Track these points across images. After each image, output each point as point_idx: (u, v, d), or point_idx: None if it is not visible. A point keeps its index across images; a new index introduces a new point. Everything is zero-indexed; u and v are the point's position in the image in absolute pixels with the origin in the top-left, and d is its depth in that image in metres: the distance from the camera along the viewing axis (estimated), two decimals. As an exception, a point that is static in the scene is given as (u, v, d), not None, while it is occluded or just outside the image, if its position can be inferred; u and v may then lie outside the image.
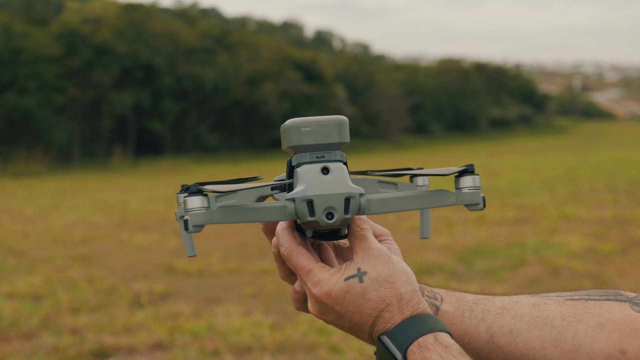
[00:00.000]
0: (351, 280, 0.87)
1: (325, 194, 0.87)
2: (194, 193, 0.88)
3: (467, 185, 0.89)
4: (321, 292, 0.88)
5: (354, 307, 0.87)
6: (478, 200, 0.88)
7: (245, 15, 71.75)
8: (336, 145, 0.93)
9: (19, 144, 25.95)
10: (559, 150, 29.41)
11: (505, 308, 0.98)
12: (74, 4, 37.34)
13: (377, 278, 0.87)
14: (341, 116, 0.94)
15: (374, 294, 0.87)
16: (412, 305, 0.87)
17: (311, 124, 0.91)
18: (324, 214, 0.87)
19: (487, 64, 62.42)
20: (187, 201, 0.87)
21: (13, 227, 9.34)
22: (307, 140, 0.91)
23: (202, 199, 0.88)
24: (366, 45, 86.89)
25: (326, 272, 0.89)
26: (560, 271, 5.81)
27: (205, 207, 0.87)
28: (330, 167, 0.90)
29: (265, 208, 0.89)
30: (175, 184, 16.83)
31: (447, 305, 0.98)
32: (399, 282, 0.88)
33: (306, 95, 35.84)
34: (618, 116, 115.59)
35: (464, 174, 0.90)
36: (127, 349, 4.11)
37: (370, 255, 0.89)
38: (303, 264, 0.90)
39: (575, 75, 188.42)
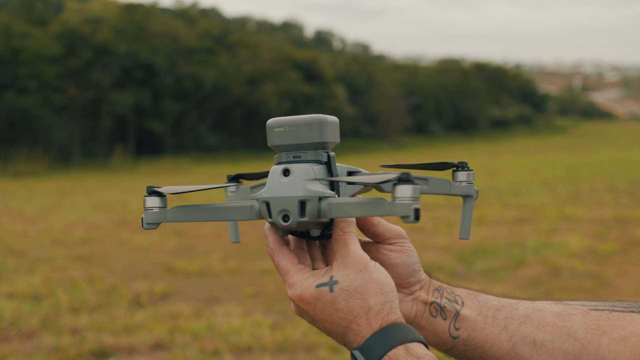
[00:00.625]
0: (322, 288, 0.87)
1: (279, 197, 0.88)
2: (149, 194, 0.92)
3: (402, 196, 0.81)
4: (294, 295, 0.89)
5: (325, 315, 0.87)
6: (408, 212, 0.80)
7: (245, 15, 71.75)
8: (315, 145, 0.91)
9: (19, 144, 25.96)
10: (559, 150, 29.41)
11: (528, 316, 0.95)
12: (74, 4, 37.33)
13: (347, 288, 0.86)
14: (321, 115, 0.91)
15: (343, 304, 0.86)
16: (382, 317, 0.85)
17: (284, 124, 0.91)
18: (279, 216, 0.88)
19: (487, 64, 62.43)
20: (144, 201, 0.92)
21: (13, 227, 9.34)
22: (280, 140, 0.92)
23: (158, 199, 0.92)
24: (366, 45, 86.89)
25: (301, 275, 0.89)
26: (560, 271, 5.81)
27: (158, 207, 0.91)
28: (291, 169, 0.89)
29: (232, 207, 0.91)
30: (176, 184, 16.83)
31: (468, 310, 0.96)
32: (369, 293, 0.86)
33: (306, 95, 35.85)
34: (618, 116, 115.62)
35: (402, 182, 0.81)
36: (127, 349, 4.11)
37: (346, 263, 0.88)
38: (282, 265, 0.91)
39: (575, 75, 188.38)
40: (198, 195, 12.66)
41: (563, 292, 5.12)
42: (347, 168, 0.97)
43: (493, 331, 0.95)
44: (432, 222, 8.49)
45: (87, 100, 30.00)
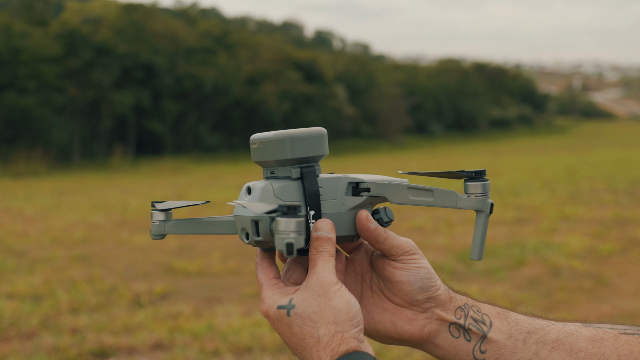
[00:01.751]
0: (281, 310, 0.86)
1: (239, 215, 0.90)
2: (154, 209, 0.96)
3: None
4: (262, 310, 0.89)
5: (285, 336, 0.87)
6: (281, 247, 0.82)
7: (245, 15, 71.76)
8: (284, 162, 0.90)
9: (19, 144, 25.95)
10: (559, 150, 29.40)
11: (560, 341, 0.92)
12: (74, 4, 37.33)
13: (302, 314, 0.84)
14: (289, 131, 0.90)
15: (297, 329, 0.84)
16: (331, 349, 0.82)
17: (257, 141, 0.92)
18: (243, 234, 0.89)
19: (487, 64, 62.41)
20: (151, 214, 0.96)
21: (13, 227, 9.34)
22: (255, 157, 0.93)
23: (162, 213, 0.96)
24: (366, 45, 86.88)
25: (271, 291, 0.88)
26: (560, 271, 5.81)
27: (160, 220, 0.95)
28: (253, 187, 0.90)
29: (217, 222, 0.93)
30: (176, 184, 16.84)
31: (496, 332, 0.92)
32: (320, 322, 0.83)
33: (306, 95, 35.84)
34: (618, 116, 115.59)
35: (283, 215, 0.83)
36: (127, 349, 4.11)
37: (308, 287, 0.86)
38: (258, 278, 0.91)
39: (575, 75, 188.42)
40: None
41: (563, 291, 5.12)
42: (347, 179, 0.93)
43: (523, 356, 0.91)
44: (432, 222, 8.49)
45: (87, 100, 30.00)
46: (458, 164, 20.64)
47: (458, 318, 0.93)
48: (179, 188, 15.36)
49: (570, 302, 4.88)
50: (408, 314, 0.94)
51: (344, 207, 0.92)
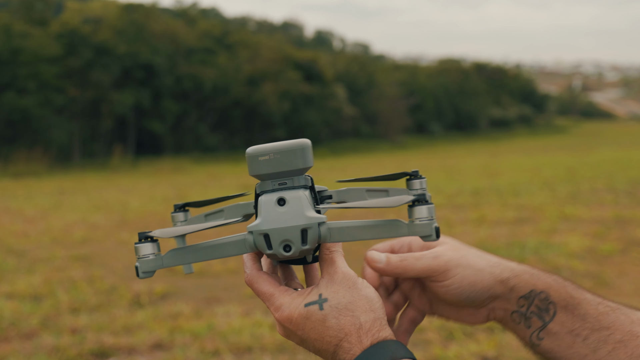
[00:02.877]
0: (311, 306, 0.85)
1: (280, 227, 0.85)
2: (141, 241, 0.91)
3: (421, 217, 0.84)
4: (282, 317, 0.87)
5: (315, 334, 0.85)
6: (430, 232, 0.83)
7: (245, 15, 71.77)
8: (298, 171, 0.89)
9: (19, 144, 25.96)
10: (559, 150, 29.41)
11: (623, 343, 0.91)
12: (74, 4, 37.33)
13: (337, 305, 0.85)
14: (303, 140, 0.90)
15: (333, 322, 0.84)
16: (372, 334, 0.84)
17: (269, 152, 0.89)
18: (281, 247, 0.86)
19: (487, 64, 62.42)
20: (137, 249, 0.90)
21: (13, 227, 9.34)
22: (266, 169, 0.89)
23: (152, 245, 0.90)
24: (366, 45, 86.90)
25: (288, 296, 0.88)
26: (560, 271, 5.81)
27: (153, 254, 0.89)
28: (286, 197, 0.87)
29: (224, 244, 0.89)
30: (176, 184, 16.85)
31: (558, 325, 0.92)
32: (359, 310, 0.84)
33: (306, 95, 35.84)
34: (618, 116, 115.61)
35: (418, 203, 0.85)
36: (127, 349, 4.11)
37: (334, 281, 0.86)
38: (264, 290, 0.89)
39: (575, 75, 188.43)
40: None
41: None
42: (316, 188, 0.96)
43: (579, 352, 0.91)
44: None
45: (87, 100, 30.00)
46: (458, 164, 20.65)
47: (520, 307, 0.93)
48: (179, 188, 15.36)
49: (570, 302, 4.88)
50: (469, 311, 0.96)
51: None
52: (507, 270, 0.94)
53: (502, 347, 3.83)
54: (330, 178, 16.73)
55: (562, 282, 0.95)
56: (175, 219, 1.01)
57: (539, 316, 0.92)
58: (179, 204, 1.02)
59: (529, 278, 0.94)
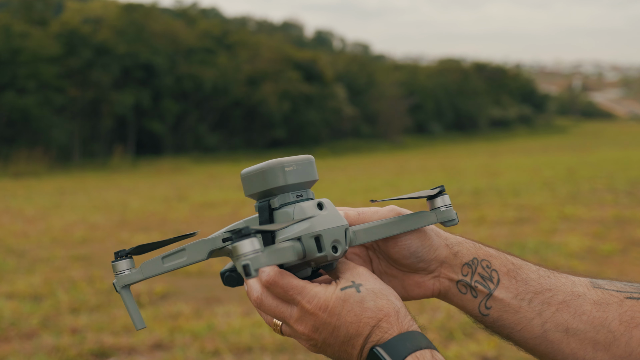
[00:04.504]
0: (348, 289, 0.86)
1: (331, 228, 0.88)
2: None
3: (445, 204, 0.97)
4: (318, 305, 0.86)
5: (352, 316, 0.85)
6: (454, 216, 0.97)
7: (245, 15, 71.76)
8: (310, 184, 0.93)
9: (19, 144, 25.96)
10: (559, 150, 29.41)
11: (566, 303, 0.94)
12: (74, 4, 37.34)
13: (373, 289, 0.87)
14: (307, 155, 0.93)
15: (371, 303, 0.86)
16: (408, 321, 0.86)
17: (292, 164, 0.90)
18: (331, 247, 0.88)
19: (487, 64, 62.42)
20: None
21: (13, 227, 9.34)
22: (292, 179, 0.90)
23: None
24: (366, 45, 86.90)
25: (319, 286, 0.88)
26: (560, 271, 5.81)
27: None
28: (323, 202, 0.90)
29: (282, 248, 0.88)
30: (175, 184, 16.84)
31: (502, 291, 0.95)
32: (393, 297, 0.87)
33: (306, 95, 35.84)
34: (618, 116, 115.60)
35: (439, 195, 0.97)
36: (127, 349, 4.11)
37: (359, 272, 0.89)
38: (294, 284, 0.87)
39: (575, 75, 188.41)
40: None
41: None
42: None
43: (526, 315, 0.94)
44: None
45: (87, 100, 30.01)
46: (458, 164, 20.64)
47: (465, 275, 0.96)
48: (179, 188, 15.36)
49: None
50: (416, 278, 0.97)
51: None
52: (452, 238, 0.98)
53: (502, 347, 3.83)
54: (330, 178, 16.72)
55: (502, 251, 0.99)
56: (116, 268, 0.98)
57: (484, 285, 0.94)
58: (125, 251, 1.00)
59: (471, 247, 0.97)
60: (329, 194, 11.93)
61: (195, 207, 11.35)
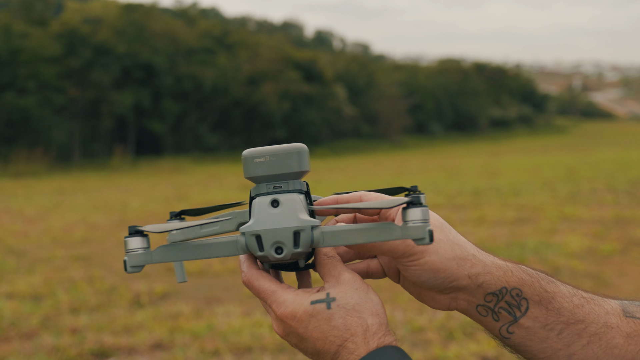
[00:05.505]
0: (318, 304, 0.84)
1: (272, 229, 0.84)
2: (132, 234, 0.88)
3: (415, 219, 0.81)
4: (285, 313, 0.85)
5: (318, 333, 0.84)
6: (423, 235, 0.80)
7: (245, 15, 71.80)
8: (294, 175, 0.89)
9: (19, 144, 25.97)
10: (559, 150, 29.41)
11: (598, 335, 0.89)
12: (74, 4, 37.35)
13: (345, 305, 0.84)
14: (299, 144, 0.89)
15: (340, 321, 0.83)
16: (378, 338, 0.83)
17: (265, 155, 0.88)
18: (272, 249, 0.84)
19: (487, 64, 62.46)
20: (126, 242, 0.87)
21: (13, 227, 9.34)
22: (261, 171, 0.88)
23: (141, 239, 0.88)
24: (366, 45, 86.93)
25: (291, 292, 0.86)
26: (560, 271, 5.81)
27: (143, 248, 0.87)
28: (280, 199, 0.86)
29: (216, 244, 0.87)
30: (176, 184, 16.84)
31: (530, 320, 0.89)
32: (366, 312, 0.84)
33: (306, 95, 35.86)
34: (618, 116, 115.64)
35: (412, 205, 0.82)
36: (127, 349, 4.11)
37: (341, 281, 0.85)
38: (265, 287, 0.87)
39: (575, 75, 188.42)
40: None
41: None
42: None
43: (553, 346, 0.89)
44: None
45: (87, 100, 30.02)
46: (458, 164, 20.64)
47: (488, 302, 0.89)
48: (179, 188, 15.36)
49: (570, 302, 4.88)
50: (431, 294, 0.91)
51: None
52: (479, 266, 0.88)
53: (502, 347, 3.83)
54: (330, 178, 16.73)
55: (536, 275, 0.91)
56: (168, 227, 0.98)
57: (509, 311, 0.89)
58: (175, 212, 1.00)
59: (501, 276, 0.89)
60: (329, 194, 11.92)
61: (195, 207, 11.34)
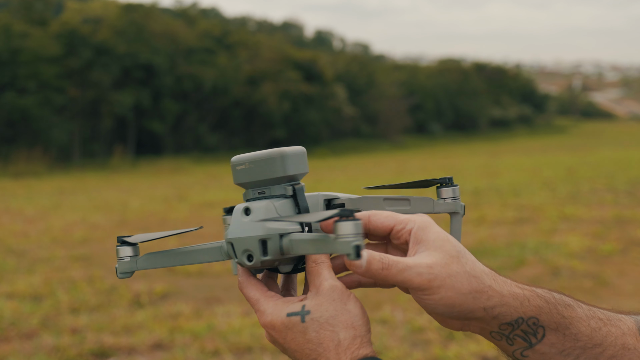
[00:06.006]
0: (293, 317, 0.84)
1: (241, 237, 0.86)
2: (121, 244, 0.92)
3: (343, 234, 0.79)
4: (265, 322, 0.87)
5: (295, 345, 0.85)
6: (349, 251, 0.78)
7: (245, 15, 71.80)
8: (278, 180, 0.89)
9: (19, 144, 25.97)
10: (559, 150, 29.41)
11: (616, 358, 0.88)
12: (74, 4, 37.35)
13: (319, 319, 0.83)
14: (281, 149, 0.89)
15: (313, 335, 0.83)
16: (351, 352, 0.82)
17: (245, 162, 0.91)
18: (244, 256, 0.86)
19: (487, 64, 62.45)
20: (117, 251, 0.92)
21: (13, 227, 9.34)
22: (244, 178, 0.91)
23: (130, 248, 0.92)
24: (366, 45, 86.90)
25: (272, 302, 0.87)
26: (560, 271, 5.81)
27: (129, 256, 0.91)
28: (251, 207, 0.87)
29: (201, 250, 0.90)
30: (175, 184, 16.85)
31: (546, 346, 0.87)
32: (340, 326, 0.83)
33: (306, 95, 35.86)
34: (618, 116, 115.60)
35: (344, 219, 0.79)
36: (127, 349, 4.12)
37: (320, 293, 0.85)
38: (251, 295, 0.89)
39: (575, 75, 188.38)
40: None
41: (563, 292, 5.13)
42: (323, 196, 0.93)
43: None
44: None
45: (87, 100, 30.01)
46: (458, 164, 20.64)
47: (502, 330, 0.87)
48: (179, 188, 15.36)
49: (570, 302, 4.88)
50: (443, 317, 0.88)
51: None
52: (496, 298, 0.85)
53: (502, 347, 3.83)
54: (330, 178, 16.72)
55: (553, 301, 0.89)
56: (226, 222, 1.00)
57: (524, 339, 0.87)
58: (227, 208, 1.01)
59: (518, 306, 0.86)
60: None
61: (195, 207, 11.35)
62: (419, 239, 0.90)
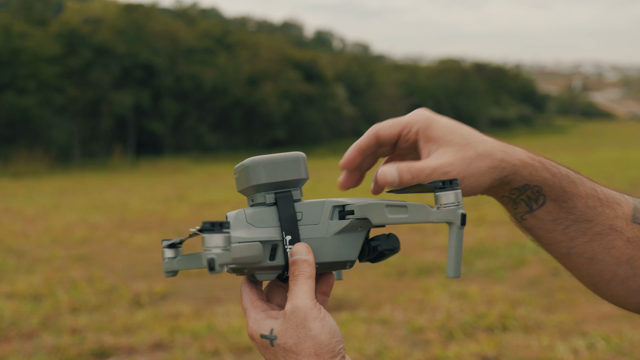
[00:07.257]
0: (265, 340, 0.86)
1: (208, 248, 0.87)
2: (167, 247, 0.94)
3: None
4: (248, 333, 0.89)
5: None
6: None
7: (245, 15, 71.80)
8: (263, 187, 0.89)
9: (19, 144, 25.96)
10: (559, 150, 29.41)
11: (601, 235, 0.95)
12: (74, 4, 37.35)
13: (284, 346, 0.84)
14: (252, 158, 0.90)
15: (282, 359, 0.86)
16: None
17: (235, 171, 0.93)
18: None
19: (487, 64, 62.45)
20: (163, 252, 0.94)
21: (13, 227, 9.34)
22: (238, 186, 0.92)
23: (171, 250, 0.93)
24: (366, 45, 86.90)
25: (255, 314, 0.88)
26: (560, 271, 5.81)
27: (169, 258, 0.93)
28: (228, 215, 0.89)
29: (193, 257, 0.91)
30: (176, 184, 16.85)
31: (544, 212, 0.94)
32: (302, 354, 0.83)
33: (306, 95, 35.86)
34: (618, 116, 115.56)
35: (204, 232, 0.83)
36: (127, 349, 4.12)
37: (287, 316, 0.85)
38: (242, 303, 0.91)
39: (575, 75, 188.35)
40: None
41: (563, 291, 5.13)
42: (332, 202, 0.91)
43: (557, 237, 0.95)
44: (433, 224, 8.46)
45: (87, 100, 30.01)
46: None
47: (511, 194, 0.95)
48: (179, 188, 15.36)
49: (570, 302, 4.88)
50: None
51: (329, 231, 0.90)
52: (508, 169, 0.92)
53: (502, 347, 3.83)
54: (330, 178, 16.71)
55: (559, 175, 0.95)
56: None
57: (527, 203, 0.94)
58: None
59: (527, 175, 0.93)
60: (330, 194, 11.92)
61: (195, 207, 11.35)
62: (428, 137, 0.94)
